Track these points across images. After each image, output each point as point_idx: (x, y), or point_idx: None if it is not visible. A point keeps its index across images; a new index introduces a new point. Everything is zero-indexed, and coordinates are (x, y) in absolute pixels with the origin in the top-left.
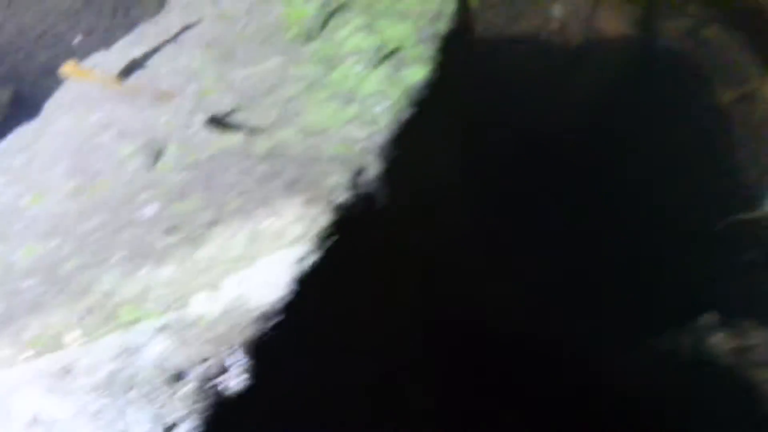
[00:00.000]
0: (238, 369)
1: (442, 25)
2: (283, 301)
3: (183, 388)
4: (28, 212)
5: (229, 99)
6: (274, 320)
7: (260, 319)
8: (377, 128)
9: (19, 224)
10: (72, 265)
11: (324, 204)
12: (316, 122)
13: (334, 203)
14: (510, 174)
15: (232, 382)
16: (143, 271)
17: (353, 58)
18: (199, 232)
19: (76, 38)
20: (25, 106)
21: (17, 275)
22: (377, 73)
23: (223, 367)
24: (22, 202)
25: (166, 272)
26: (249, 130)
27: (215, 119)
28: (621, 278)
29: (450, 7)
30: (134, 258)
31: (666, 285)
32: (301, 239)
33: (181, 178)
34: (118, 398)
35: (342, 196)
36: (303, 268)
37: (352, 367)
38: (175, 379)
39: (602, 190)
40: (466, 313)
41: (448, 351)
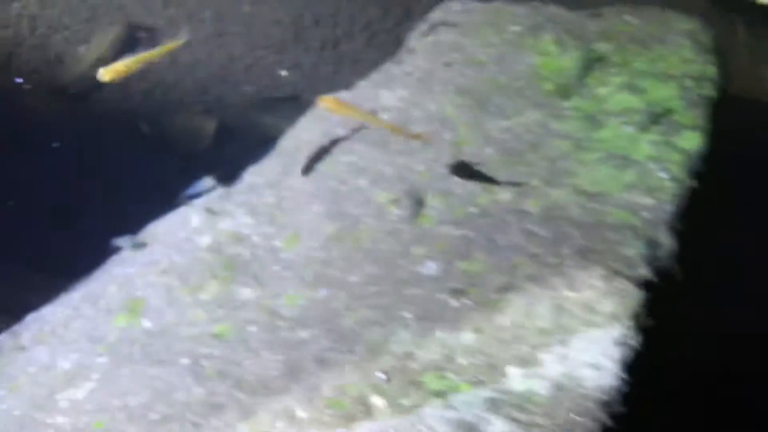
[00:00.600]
0: None
1: (709, 90)
2: (617, 389)
3: None
4: (283, 255)
5: (489, 151)
6: (614, 410)
7: (599, 407)
8: (664, 197)
9: (275, 267)
10: (352, 319)
11: (627, 278)
12: (591, 184)
13: (638, 278)
14: None
15: None
16: (438, 335)
17: (620, 118)
18: (492, 297)
19: (283, 71)
20: (230, 137)
21: (287, 324)
22: (649, 136)
23: None
24: (276, 244)
25: (465, 338)
26: (517, 187)
27: (477, 172)
28: None
29: (712, 70)
30: (424, 319)
31: None
32: (615, 318)
33: (454, 234)
34: None
35: (643, 271)
36: (627, 351)
37: None
38: None
39: None
40: None
41: None
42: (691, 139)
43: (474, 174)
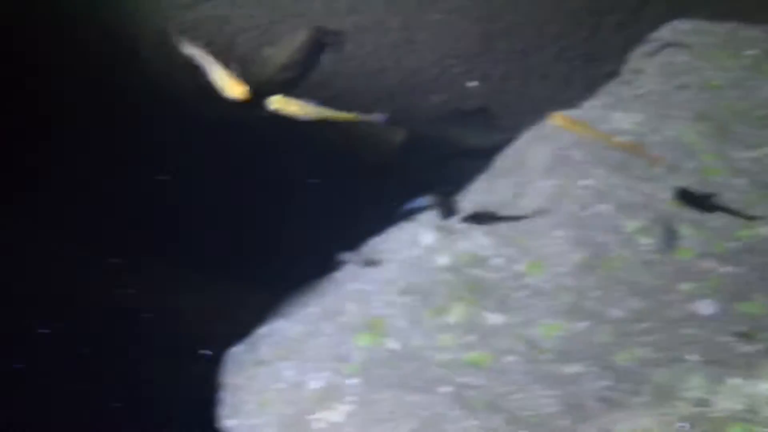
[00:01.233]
0: None
1: None
2: None
3: None
4: (528, 280)
5: (739, 182)
6: None
7: None
8: None
9: (521, 293)
10: (627, 358)
11: None
12: None
13: None
14: None
15: None
16: (732, 382)
17: None
18: None
19: (471, 82)
20: (416, 148)
21: (549, 356)
22: None
23: None
24: (518, 268)
25: (765, 388)
26: None
27: (729, 204)
28: None
29: None
30: (712, 363)
31: None
32: None
33: (721, 270)
34: None
35: None
36: None
37: None
38: None
39: None
40: None
41: None
42: None
43: (726, 205)
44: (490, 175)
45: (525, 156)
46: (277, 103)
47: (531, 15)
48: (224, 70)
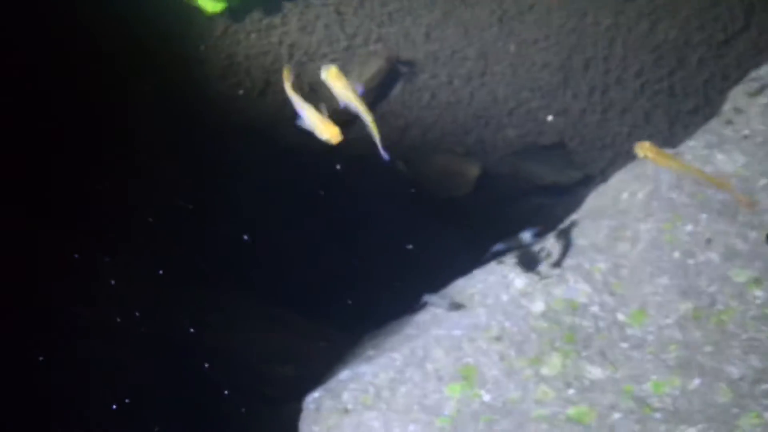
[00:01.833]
0: None
1: None
2: None
3: None
4: (630, 331)
5: None
6: None
7: None
8: None
9: (623, 344)
10: (752, 423)
11: None
12: None
13: None
14: None
15: None
16: None
17: None
18: None
19: (549, 116)
20: (490, 183)
21: (662, 416)
22: None
23: None
24: (619, 318)
25: None
26: None
27: None
28: None
29: None
30: None
31: None
32: None
33: None
34: None
35: None
36: None
37: None
38: None
39: None
40: None
41: None
42: None
43: None
44: (581, 216)
45: (619, 196)
46: (329, 74)
47: (611, 48)
48: (317, 112)
